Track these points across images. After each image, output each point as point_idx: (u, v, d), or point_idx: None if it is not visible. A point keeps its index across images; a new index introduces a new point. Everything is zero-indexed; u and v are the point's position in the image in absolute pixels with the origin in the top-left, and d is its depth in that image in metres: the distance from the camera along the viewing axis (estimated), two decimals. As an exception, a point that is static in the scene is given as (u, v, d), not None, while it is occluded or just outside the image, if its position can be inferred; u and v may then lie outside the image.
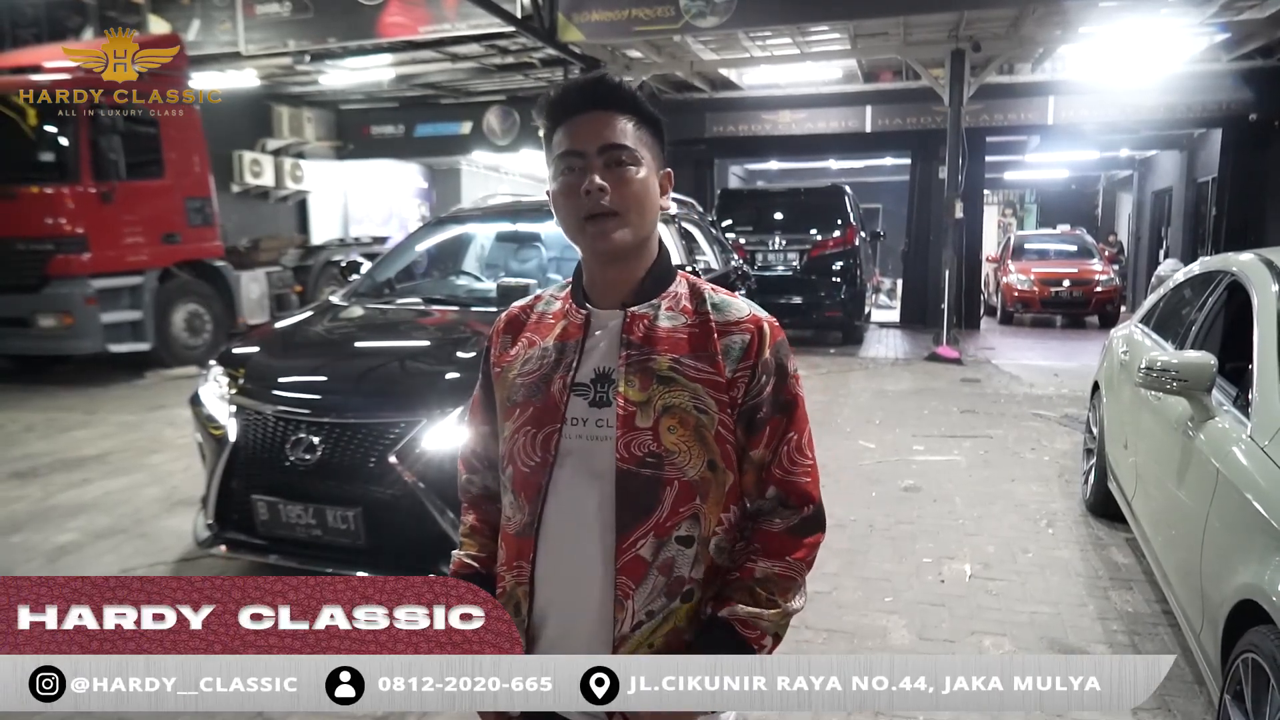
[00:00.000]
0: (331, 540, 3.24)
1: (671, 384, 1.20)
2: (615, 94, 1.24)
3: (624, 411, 1.20)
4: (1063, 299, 14.14)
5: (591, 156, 1.21)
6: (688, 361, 1.22)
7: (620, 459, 1.19)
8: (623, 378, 1.21)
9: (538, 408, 1.25)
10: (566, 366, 1.25)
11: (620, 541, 1.19)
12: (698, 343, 1.23)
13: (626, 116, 1.23)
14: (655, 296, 1.27)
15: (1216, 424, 2.69)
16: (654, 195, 1.26)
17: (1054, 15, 9.22)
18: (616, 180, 1.20)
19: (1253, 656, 2.01)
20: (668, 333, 1.24)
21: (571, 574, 1.22)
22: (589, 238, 1.22)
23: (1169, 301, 4.20)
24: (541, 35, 9.26)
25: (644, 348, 1.23)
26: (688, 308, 1.26)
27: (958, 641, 3.23)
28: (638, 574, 1.19)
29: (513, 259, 5.10)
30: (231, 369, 3.67)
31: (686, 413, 1.20)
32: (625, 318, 1.25)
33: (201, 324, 9.48)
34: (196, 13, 10.71)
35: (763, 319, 1.27)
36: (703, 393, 1.20)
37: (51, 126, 8.17)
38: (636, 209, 1.22)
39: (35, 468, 5.56)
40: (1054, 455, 5.85)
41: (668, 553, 1.20)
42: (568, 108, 1.24)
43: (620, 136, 1.21)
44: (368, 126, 14.97)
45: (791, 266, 11.36)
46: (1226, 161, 12.87)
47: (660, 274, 1.29)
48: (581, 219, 1.21)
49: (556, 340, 1.28)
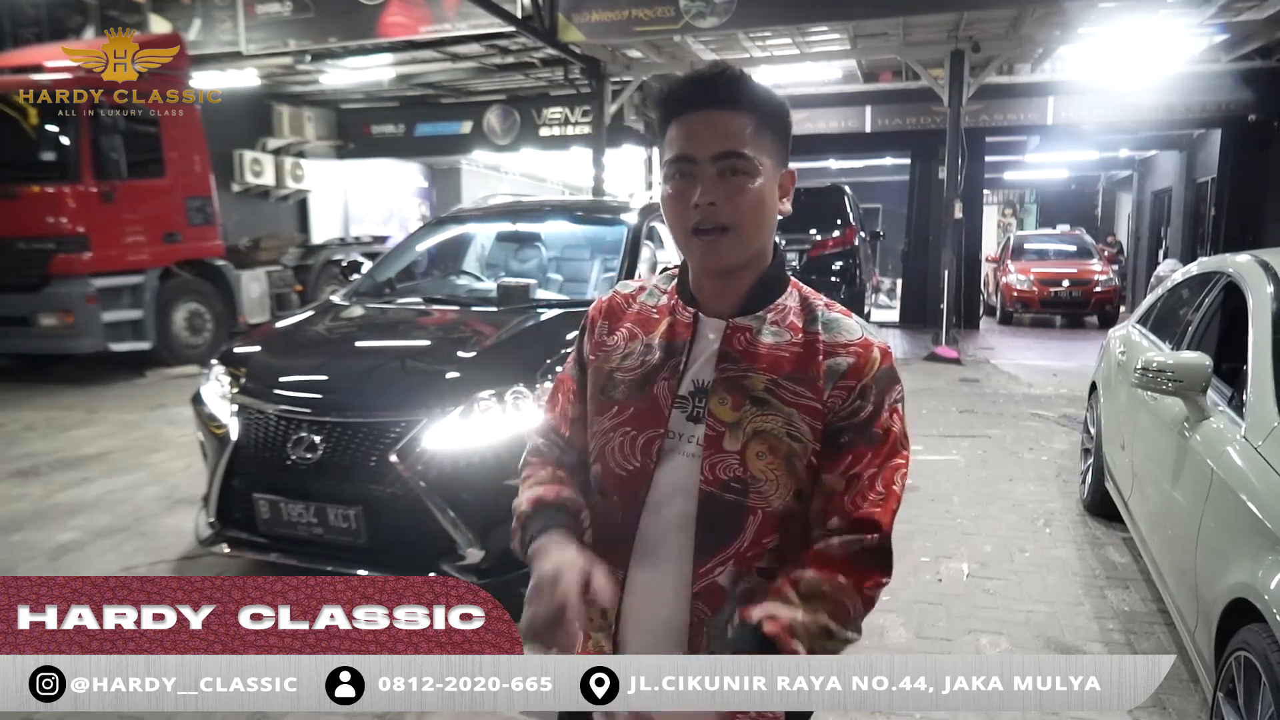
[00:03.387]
0: (333, 539, 3.25)
1: (765, 406, 1.12)
2: (736, 90, 1.11)
3: (713, 432, 1.13)
4: (1062, 299, 14.16)
5: (705, 163, 1.10)
6: (786, 383, 1.13)
7: (705, 480, 1.13)
8: (715, 394, 1.14)
9: (640, 409, 1.17)
10: (673, 370, 1.17)
11: (698, 566, 1.14)
12: (800, 364, 1.13)
13: (747, 116, 1.11)
14: (762, 308, 1.17)
15: (1211, 424, 2.70)
16: (771, 204, 1.14)
17: (1053, 16, 9.23)
18: (731, 191, 1.10)
19: (1245, 654, 2.02)
20: (769, 349, 1.14)
21: (653, 591, 1.18)
22: (697, 252, 1.14)
23: (1166, 302, 4.22)
24: (542, 35, 9.27)
25: (741, 363, 1.14)
26: (795, 324, 1.16)
27: (955, 640, 3.24)
28: (715, 603, 1.14)
29: (513, 259, 5.11)
30: (233, 368, 3.68)
31: (778, 439, 1.11)
32: (726, 328, 1.16)
33: (202, 323, 9.50)
34: (197, 12, 10.72)
35: (874, 343, 1.16)
36: (797, 419, 1.12)
37: (53, 126, 8.18)
38: (751, 222, 1.12)
39: (36, 466, 5.58)
40: (1052, 455, 5.86)
41: (747, 584, 1.13)
42: (682, 102, 1.12)
43: (738, 143, 1.10)
44: (368, 126, 14.98)
45: (791, 266, 11.33)
46: (1226, 162, 12.88)
47: (770, 284, 1.19)
48: (690, 231, 1.12)
49: (663, 338, 1.20)
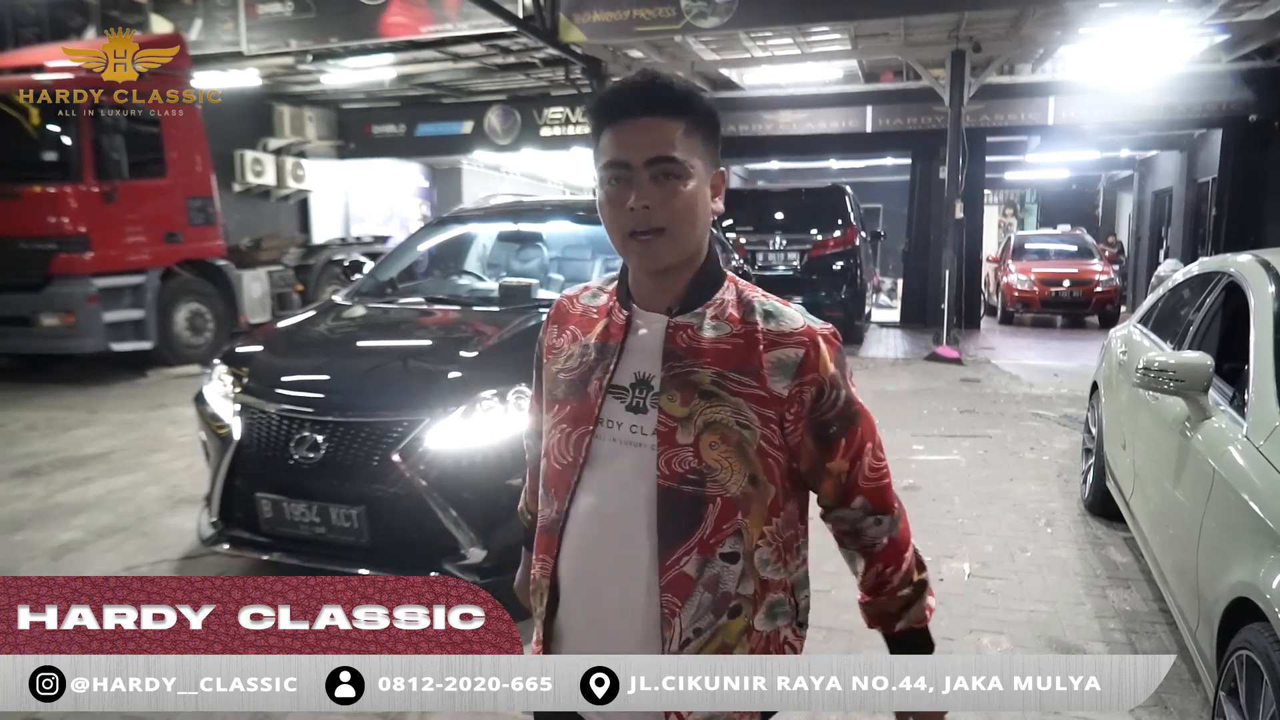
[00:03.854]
0: (335, 538, 3.25)
1: (714, 399, 1.16)
2: (666, 97, 1.16)
3: (665, 428, 1.17)
4: (1063, 299, 14.15)
5: (638, 169, 1.14)
6: (731, 375, 1.17)
7: (661, 476, 1.16)
8: (664, 392, 1.17)
9: (574, 407, 1.23)
10: (605, 368, 1.22)
11: (664, 559, 1.17)
12: (743, 355, 1.18)
13: (677, 121, 1.16)
14: (701, 304, 1.22)
15: (1213, 424, 2.70)
16: (704, 205, 1.19)
17: (1054, 16, 9.23)
18: (665, 195, 1.14)
19: (1247, 654, 2.02)
20: (711, 344, 1.18)
21: (604, 582, 1.21)
22: (635, 254, 1.18)
23: (1167, 302, 4.21)
24: (543, 35, 9.27)
25: (687, 359, 1.18)
26: (734, 316, 1.21)
27: (956, 640, 3.24)
28: (683, 592, 1.17)
29: (514, 259, 5.11)
30: (236, 368, 3.69)
31: (729, 429, 1.16)
32: (669, 327, 1.20)
33: (203, 323, 9.50)
34: (199, 12, 10.73)
35: (817, 331, 1.21)
36: (745, 407, 1.16)
37: (54, 126, 8.19)
38: (685, 224, 1.16)
39: (38, 466, 5.58)
40: (1053, 455, 5.86)
41: (712, 569, 1.17)
42: (616, 110, 1.17)
43: (669, 148, 1.14)
44: (369, 126, 14.98)
45: (792, 266, 11.37)
46: (1227, 162, 12.86)
47: (707, 280, 1.23)
48: (627, 234, 1.16)
49: (598, 339, 1.25)
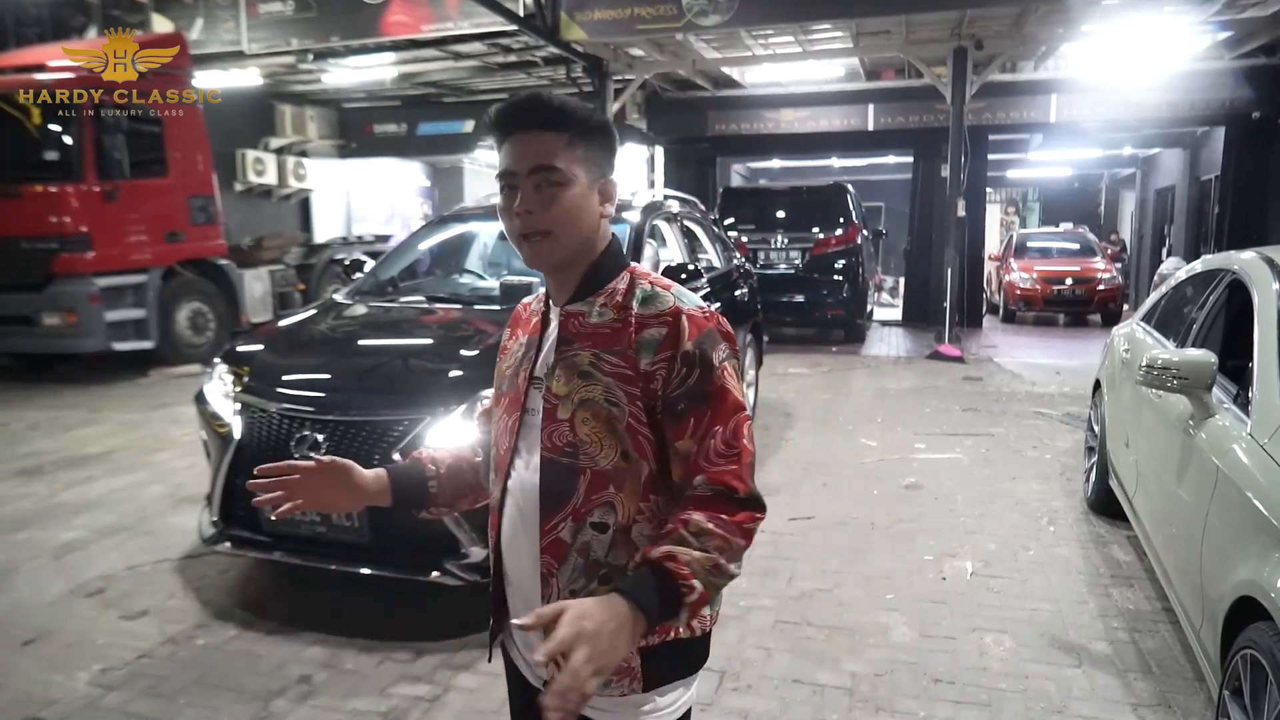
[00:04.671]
0: (336, 537, 3.25)
1: (589, 379, 1.26)
2: (545, 114, 1.26)
3: (549, 405, 1.29)
4: (1065, 297, 14.13)
5: (523, 177, 1.25)
6: (605, 356, 1.26)
7: (545, 448, 1.28)
8: (554, 374, 1.30)
9: (509, 398, 1.37)
10: (529, 359, 1.36)
11: (544, 524, 1.29)
12: (615, 337, 1.27)
13: (559, 134, 1.26)
14: (592, 294, 1.32)
15: (1217, 422, 2.70)
16: (587, 209, 1.29)
17: (1056, 13, 9.21)
18: (547, 200, 1.25)
19: (1251, 653, 2.02)
20: (593, 329, 1.29)
21: (515, 551, 1.35)
22: (525, 254, 1.30)
23: (1170, 300, 4.21)
24: (544, 34, 9.26)
25: (574, 344, 1.30)
26: (619, 303, 1.30)
27: (959, 639, 3.23)
28: (560, 555, 1.28)
29: (515, 257, 5.10)
30: (236, 367, 3.69)
31: (599, 405, 1.25)
32: (561, 315, 1.33)
33: (205, 322, 9.52)
34: (200, 11, 10.73)
35: (684, 310, 1.26)
36: (614, 386, 1.25)
37: (56, 126, 8.20)
38: (566, 226, 1.26)
39: (40, 465, 5.59)
40: (1055, 453, 5.85)
41: (584, 537, 1.27)
42: (506, 126, 1.28)
43: (549, 158, 1.24)
44: (370, 125, 14.98)
45: (794, 265, 11.36)
46: (1230, 159, 12.84)
47: (600, 273, 1.32)
48: (519, 236, 1.28)
49: (529, 334, 1.40)
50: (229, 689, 2.90)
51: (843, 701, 2.82)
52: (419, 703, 2.82)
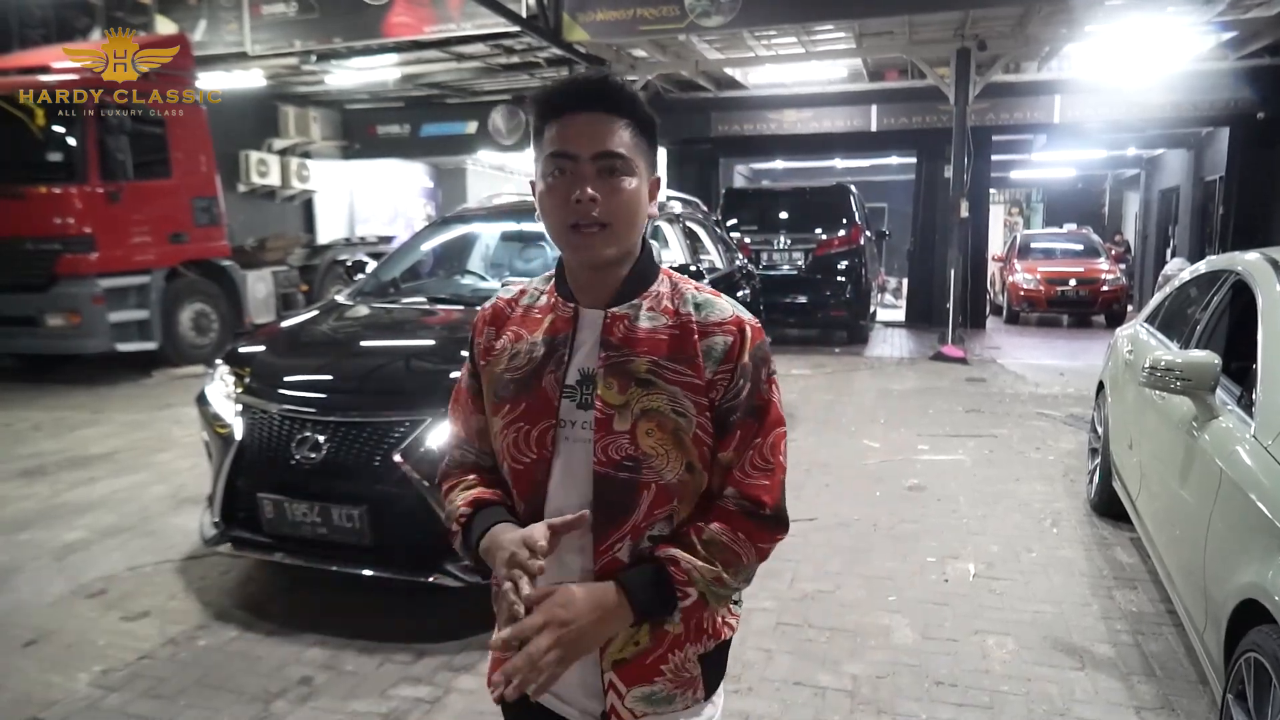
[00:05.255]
0: (337, 539, 3.25)
1: (650, 386, 1.18)
2: (617, 96, 1.18)
3: (602, 415, 1.18)
4: (1069, 298, 14.11)
5: (584, 161, 1.15)
6: (666, 363, 1.19)
7: (598, 462, 1.18)
8: (601, 380, 1.19)
9: (530, 404, 1.23)
10: (558, 362, 1.23)
11: (598, 544, 1.19)
12: (677, 344, 1.20)
13: (625, 121, 1.18)
14: (636, 296, 1.24)
15: (1220, 423, 2.68)
16: (644, 205, 1.21)
17: (1060, 14, 9.20)
18: (608, 190, 1.16)
19: (1255, 656, 2.01)
20: (647, 334, 1.21)
21: (559, 574, 1.22)
22: (573, 247, 1.19)
23: (1174, 300, 4.19)
24: (546, 35, 9.27)
25: (623, 349, 1.20)
26: (669, 308, 1.23)
27: (961, 641, 3.22)
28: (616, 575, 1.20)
29: (517, 258, 5.11)
30: (238, 368, 3.69)
31: (664, 416, 1.17)
32: (605, 318, 1.23)
33: (208, 323, 9.53)
34: (203, 13, 10.75)
35: (745, 321, 1.23)
36: (681, 395, 1.18)
37: (59, 127, 8.22)
38: (625, 221, 1.18)
39: (43, 466, 5.59)
40: (1059, 455, 5.84)
41: (645, 554, 1.19)
42: (564, 105, 1.18)
43: (617, 144, 1.16)
44: (373, 126, 15.00)
45: (796, 266, 11.35)
46: (1234, 160, 12.81)
47: (642, 274, 1.25)
48: (568, 226, 1.17)
49: (545, 335, 1.26)
50: (229, 690, 2.90)
51: (844, 704, 2.81)
52: (419, 704, 2.81)
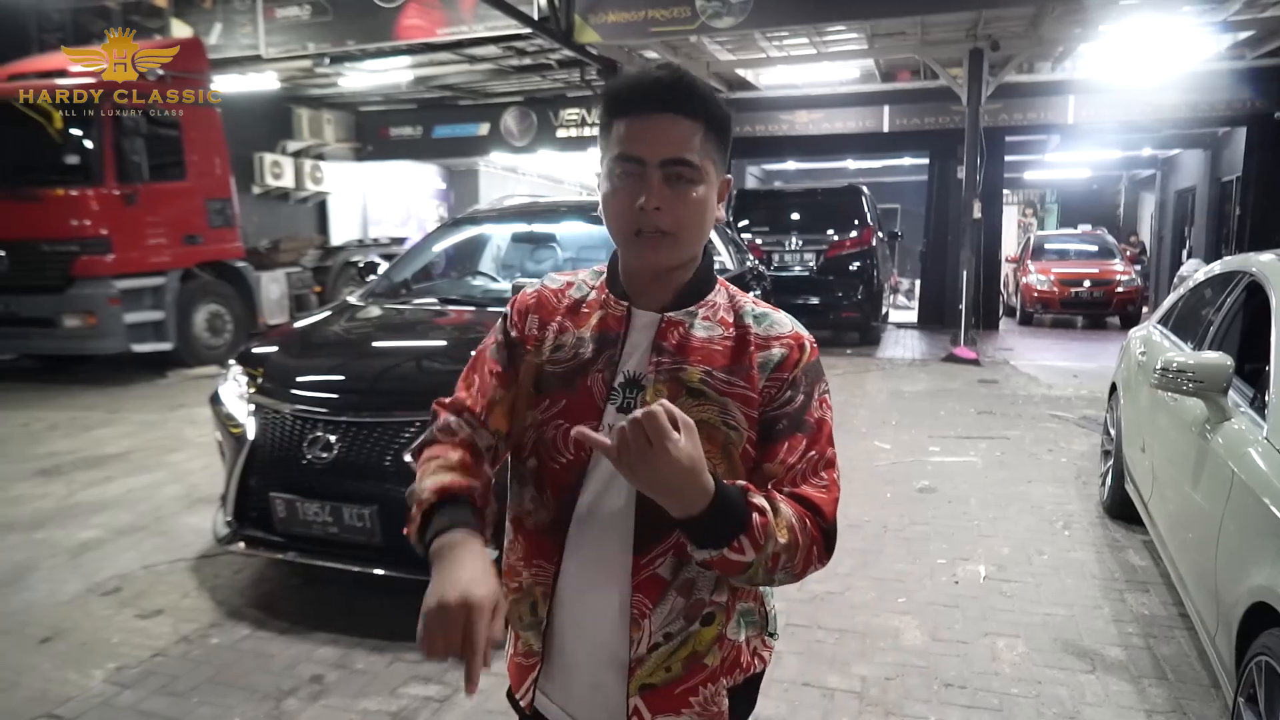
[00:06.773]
0: (348, 538, 3.26)
1: (701, 397, 1.13)
2: (690, 97, 1.12)
3: None
4: (1083, 299, 14.03)
5: (652, 167, 1.10)
6: (720, 375, 1.15)
7: None
8: (651, 386, 1.15)
9: (572, 401, 1.17)
10: (607, 361, 1.17)
11: (639, 558, 1.14)
12: (733, 356, 1.16)
13: (696, 123, 1.12)
14: (693, 303, 1.20)
15: (1232, 425, 2.67)
16: (711, 211, 1.17)
17: (1073, 14, 9.14)
18: (676, 198, 1.11)
19: (1266, 659, 1.99)
20: (702, 343, 1.17)
21: (589, 586, 1.17)
22: (636, 252, 1.15)
23: (1187, 302, 4.17)
24: (558, 37, 9.29)
25: (676, 356, 1.16)
26: (726, 319, 1.20)
27: (971, 643, 3.21)
28: (655, 593, 1.14)
29: (529, 259, 5.12)
30: (251, 368, 3.71)
31: (715, 428, 1.12)
32: (661, 322, 1.18)
33: (222, 324, 9.60)
34: (218, 16, 10.85)
35: (804, 336, 1.20)
36: (733, 407, 1.14)
37: (76, 130, 8.30)
38: (692, 229, 1.14)
39: (59, 465, 5.65)
40: (1071, 457, 5.80)
41: (688, 573, 1.14)
42: (635, 103, 1.12)
43: (686, 150, 1.11)
44: (386, 128, 15.08)
45: (808, 267, 11.33)
46: (1251, 160, 12.72)
47: (701, 281, 1.22)
48: (631, 232, 1.13)
49: (594, 331, 1.20)
50: (241, 688, 2.92)
51: (852, 705, 2.80)
52: (429, 703, 2.83)
